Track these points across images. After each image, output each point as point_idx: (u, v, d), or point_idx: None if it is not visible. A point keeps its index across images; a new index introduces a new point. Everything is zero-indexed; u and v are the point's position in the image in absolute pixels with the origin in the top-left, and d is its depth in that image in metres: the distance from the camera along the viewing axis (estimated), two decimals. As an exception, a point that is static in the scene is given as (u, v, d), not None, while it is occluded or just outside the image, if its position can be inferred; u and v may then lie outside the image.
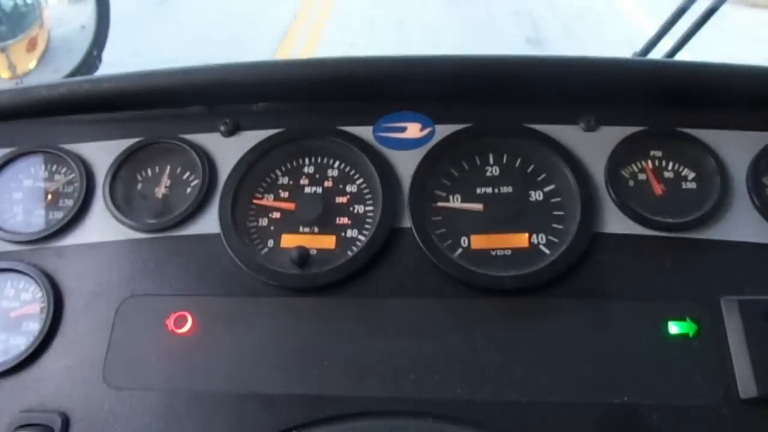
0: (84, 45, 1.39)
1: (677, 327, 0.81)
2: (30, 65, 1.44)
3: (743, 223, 0.88)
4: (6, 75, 1.40)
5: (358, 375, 0.80)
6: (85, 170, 0.99)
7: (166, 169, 0.99)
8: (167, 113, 1.05)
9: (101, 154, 1.01)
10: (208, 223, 0.93)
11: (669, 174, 0.93)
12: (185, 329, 0.85)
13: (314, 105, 1.04)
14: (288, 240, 0.92)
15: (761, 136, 0.94)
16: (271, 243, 0.92)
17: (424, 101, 0.99)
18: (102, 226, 0.95)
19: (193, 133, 1.00)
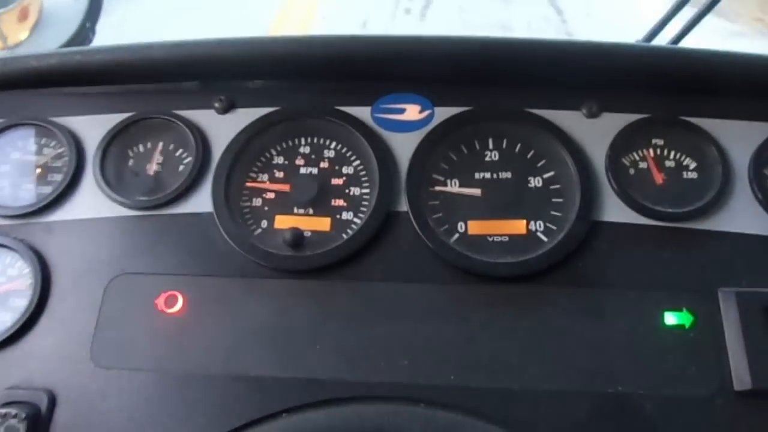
0: (78, 16, 1.36)
1: (674, 317, 0.80)
2: (21, 36, 1.41)
3: (744, 215, 0.87)
4: (-4, 45, 1.37)
5: (351, 359, 0.79)
6: (75, 144, 0.96)
7: (159, 146, 0.97)
8: (161, 88, 1.02)
9: (92, 128, 0.98)
10: (201, 202, 0.91)
11: (670, 163, 0.92)
12: (175, 309, 0.84)
13: (312, 84, 1.01)
14: (282, 221, 0.90)
15: (764, 127, 0.93)
16: (265, 224, 0.90)
17: (424, 83, 0.97)
18: (92, 202, 0.93)
19: (187, 110, 0.98)
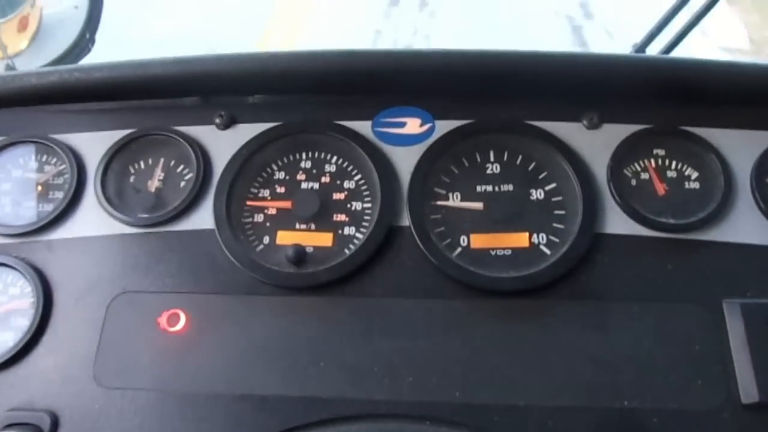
0: (77, 25, 1.36)
1: (677, 329, 0.79)
2: (21, 46, 1.41)
3: (747, 225, 0.87)
4: (-4, 56, 1.37)
5: (355, 376, 0.79)
6: (76, 161, 0.96)
7: (160, 162, 0.97)
8: (161, 104, 1.02)
9: (93, 145, 0.98)
10: (203, 219, 0.91)
11: (672, 173, 0.92)
12: (178, 327, 0.83)
13: (312, 98, 1.01)
14: (284, 237, 0.90)
15: (766, 136, 0.93)
16: (267, 240, 0.90)
17: (425, 96, 0.97)
18: (93, 220, 0.93)
19: (188, 125, 0.98)
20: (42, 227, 0.92)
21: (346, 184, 0.94)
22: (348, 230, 0.90)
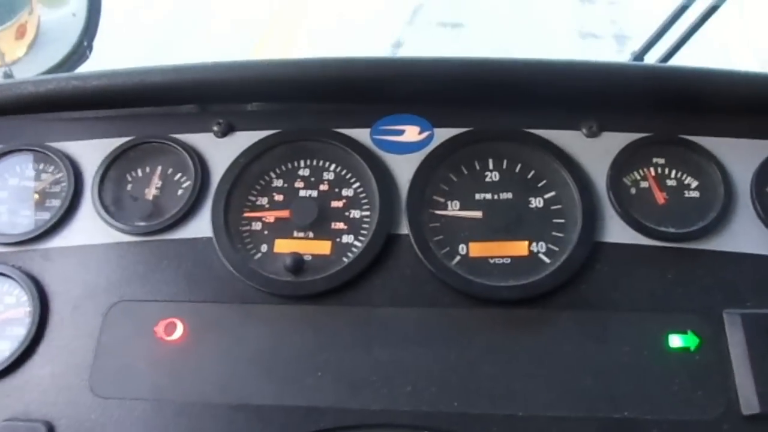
0: (75, 32, 1.36)
1: (679, 340, 0.79)
2: (19, 53, 1.41)
3: (747, 234, 0.86)
4: (-6, 63, 1.37)
5: (353, 386, 0.78)
6: (73, 170, 0.96)
7: (157, 170, 0.97)
8: (158, 112, 1.02)
9: (90, 153, 0.98)
10: (200, 227, 0.90)
11: (672, 182, 0.91)
12: (175, 337, 0.83)
13: (310, 106, 1.01)
14: (282, 245, 0.89)
15: (766, 145, 0.92)
16: (265, 248, 0.90)
17: (423, 104, 0.97)
18: (90, 228, 0.92)
19: (185, 133, 0.98)
20: (39, 236, 0.91)
21: (345, 192, 0.93)
22: (346, 238, 0.89)
